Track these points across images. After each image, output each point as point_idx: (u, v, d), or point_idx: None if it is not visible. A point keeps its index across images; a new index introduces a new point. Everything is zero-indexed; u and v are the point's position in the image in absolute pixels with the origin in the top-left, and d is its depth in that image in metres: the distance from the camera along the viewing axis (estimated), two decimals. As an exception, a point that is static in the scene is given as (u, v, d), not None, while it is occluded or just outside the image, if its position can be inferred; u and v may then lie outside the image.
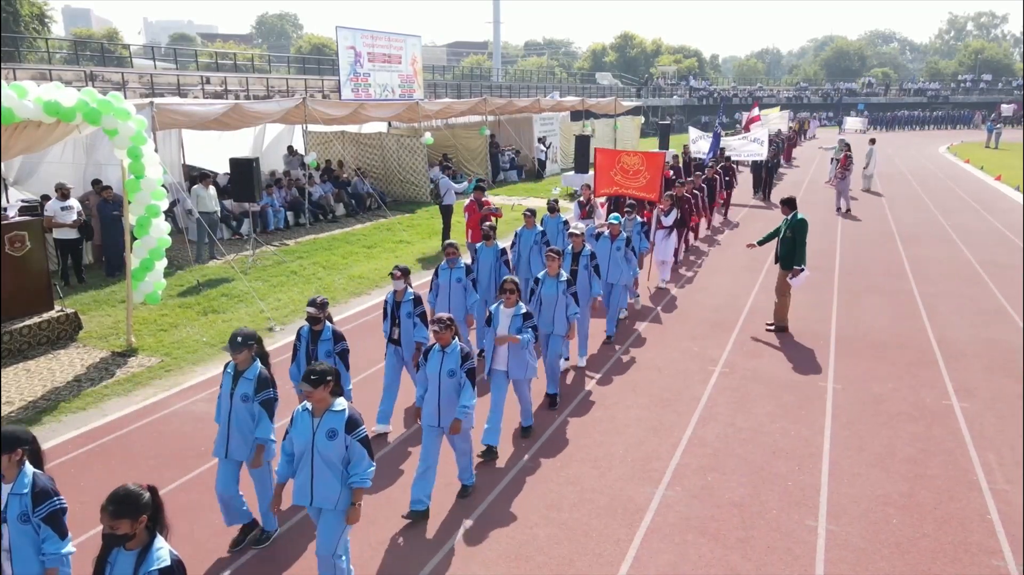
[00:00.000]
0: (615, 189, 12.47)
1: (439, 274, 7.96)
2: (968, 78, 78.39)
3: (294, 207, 17.77)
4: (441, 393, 5.52)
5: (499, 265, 8.98)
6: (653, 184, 12.01)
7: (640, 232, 10.65)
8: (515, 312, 6.41)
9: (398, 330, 6.86)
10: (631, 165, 12.12)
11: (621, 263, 9.27)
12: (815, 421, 7.31)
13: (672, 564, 5.13)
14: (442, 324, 5.48)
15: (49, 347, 9.29)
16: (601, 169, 12.43)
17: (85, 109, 8.14)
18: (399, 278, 6.76)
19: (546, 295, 7.43)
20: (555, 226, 10.82)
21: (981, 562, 5.15)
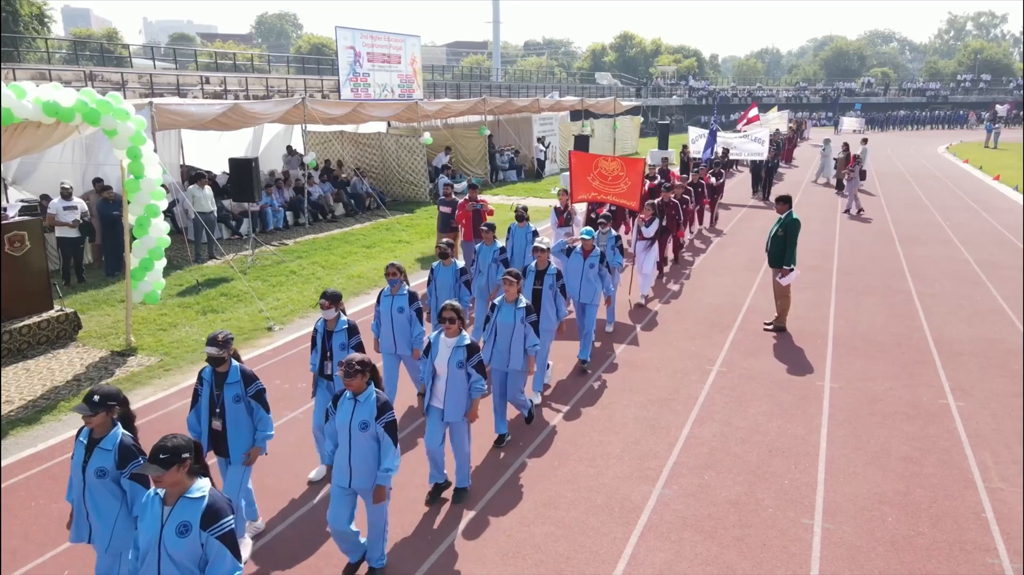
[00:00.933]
0: (593, 195, 11.47)
1: (380, 300, 6.94)
2: (967, 78, 78.43)
3: (293, 207, 17.79)
4: (353, 449, 4.61)
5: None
6: (634, 191, 11.02)
7: (614, 247, 9.65)
8: (457, 343, 5.56)
9: (330, 363, 5.93)
10: (610, 170, 11.16)
11: (595, 281, 8.44)
12: (812, 420, 7.33)
13: (668, 562, 5.15)
14: (350, 368, 4.54)
15: (49, 346, 9.32)
16: (577, 174, 11.48)
17: (84, 109, 8.16)
18: (328, 307, 5.88)
19: (502, 323, 6.49)
20: (523, 237, 10.00)
21: (976, 560, 5.17)
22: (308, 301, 11.44)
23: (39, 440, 6.96)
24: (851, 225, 18.15)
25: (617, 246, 9.66)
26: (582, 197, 11.63)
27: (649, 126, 50.37)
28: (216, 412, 4.95)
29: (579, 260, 8.51)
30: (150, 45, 46.97)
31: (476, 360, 5.62)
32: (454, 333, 5.61)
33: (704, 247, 15.60)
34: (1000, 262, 14.14)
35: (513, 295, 6.49)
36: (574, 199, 11.77)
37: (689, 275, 13.20)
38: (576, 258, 8.54)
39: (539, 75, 70.30)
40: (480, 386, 5.62)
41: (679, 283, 12.63)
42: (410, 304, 6.83)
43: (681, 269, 13.65)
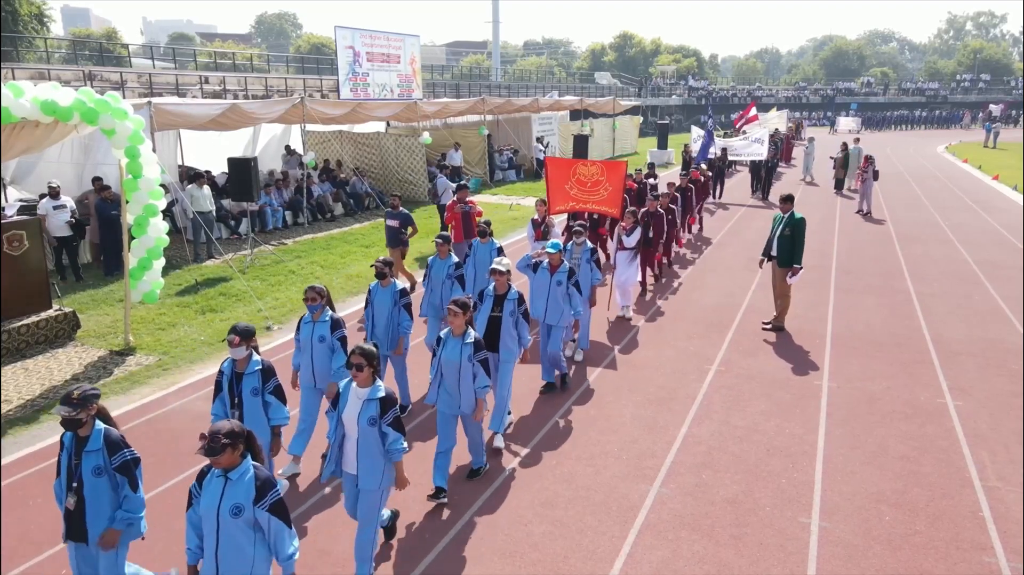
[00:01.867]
0: (572, 204, 10.61)
1: (300, 328, 6.23)
2: (967, 78, 78.46)
3: (292, 207, 17.80)
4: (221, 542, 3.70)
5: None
6: (615, 198, 10.22)
7: (591, 260, 8.66)
8: (369, 395, 4.61)
9: (239, 411, 5.15)
10: (589, 176, 10.30)
11: (562, 300, 7.59)
12: (810, 419, 7.34)
13: (665, 561, 5.16)
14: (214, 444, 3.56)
15: (47, 346, 9.32)
16: (554, 182, 10.59)
17: (82, 109, 8.17)
18: (237, 344, 5.07)
19: (447, 361, 5.68)
20: (486, 255, 8.93)
21: (973, 559, 5.18)
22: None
23: (37, 439, 6.97)
24: (850, 225, 18.16)
25: (594, 259, 8.68)
26: (560, 208, 10.70)
27: (649, 126, 50.37)
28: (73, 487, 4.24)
29: (546, 276, 7.65)
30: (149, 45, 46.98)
31: (392, 416, 4.60)
32: (365, 382, 4.61)
33: (694, 256, 15.50)
34: (999, 262, 14.15)
35: (460, 327, 5.66)
36: (552, 210, 10.66)
37: (682, 280, 13.19)
38: (543, 274, 7.68)
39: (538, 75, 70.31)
40: (398, 447, 4.60)
41: (678, 283, 12.63)
42: (332, 332, 6.11)
43: (672, 278, 13.64)
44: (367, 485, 4.63)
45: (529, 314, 6.84)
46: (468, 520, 5.65)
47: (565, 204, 10.69)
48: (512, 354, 6.76)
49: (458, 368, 5.64)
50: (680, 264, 13.96)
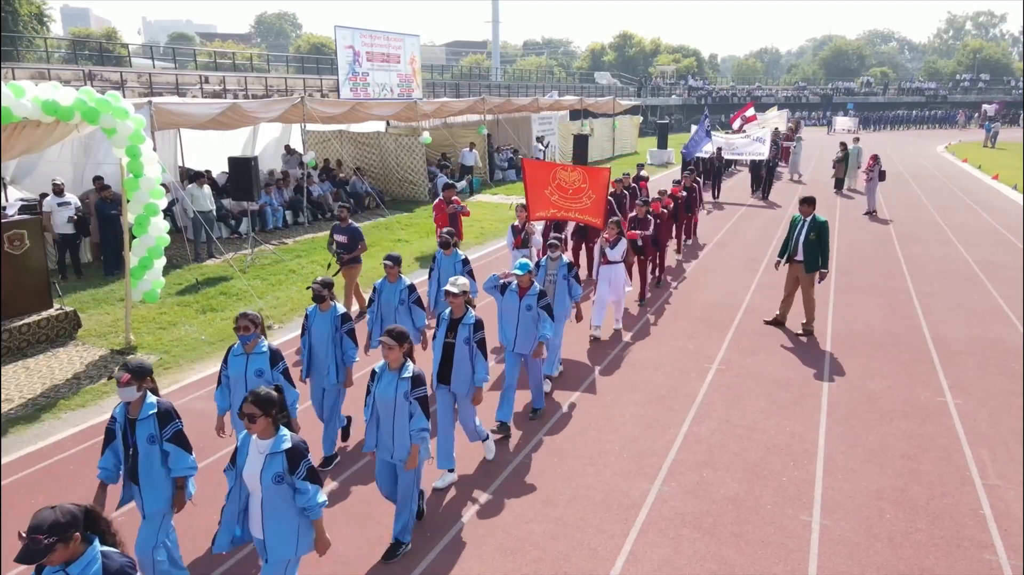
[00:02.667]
0: (552, 211, 9.87)
1: (228, 361, 5.43)
2: (967, 77, 78.50)
3: (293, 206, 17.81)
4: None
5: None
6: (598, 206, 9.56)
7: (568, 276, 7.90)
8: (272, 448, 3.89)
9: (133, 462, 4.39)
10: (570, 182, 9.57)
11: (531, 327, 6.83)
12: (810, 418, 7.35)
13: (667, 559, 5.17)
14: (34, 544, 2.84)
15: (48, 345, 9.33)
16: (533, 186, 9.78)
17: (83, 108, 8.17)
18: (127, 383, 4.30)
19: (380, 399, 4.93)
20: (450, 269, 8.24)
21: (973, 556, 5.19)
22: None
23: (39, 438, 6.98)
24: (850, 224, 18.17)
25: (572, 275, 7.91)
26: (540, 214, 9.94)
27: (648, 126, 50.39)
28: None
29: (514, 300, 6.89)
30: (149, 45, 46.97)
31: (304, 469, 3.90)
32: (265, 434, 3.91)
33: (685, 266, 15.20)
34: (999, 261, 14.16)
35: (395, 361, 4.90)
36: (531, 216, 9.94)
37: (682, 279, 13.19)
38: (511, 297, 6.93)
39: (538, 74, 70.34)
40: (315, 503, 3.95)
41: (678, 282, 12.64)
42: (273, 365, 5.27)
43: (672, 278, 13.64)
44: (278, 555, 3.96)
45: (485, 345, 5.94)
46: (469, 519, 5.66)
47: (546, 211, 9.88)
48: (466, 389, 5.92)
49: (392, 407, 4.90)
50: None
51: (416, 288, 7.35)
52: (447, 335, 5.91)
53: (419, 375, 4.94)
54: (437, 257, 8.25)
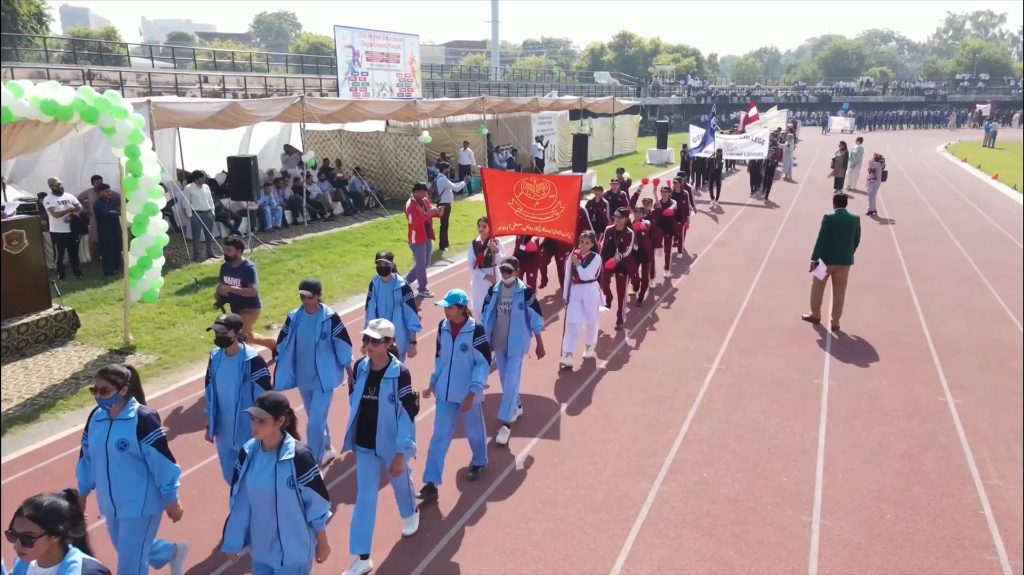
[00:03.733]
0: (517, 226, 8.80)
1: (89, 428, 4.37)
2: (966, 77, 78.52)
3: (292, 206, 17.79)
4: None
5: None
6: (568, 219, 8.43)
7: (525, 305, 6.80)
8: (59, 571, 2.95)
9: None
10: (536, 193, 8.53)
11: (466, 370, 5.74)
12: (810, 417, 7.34)
13: (667, 559, 5.16)
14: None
15: (47, 345, 9.31)
16: (495, 197, 8.69)
17: (82, 108, 8.16)
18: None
19: (254, 489, 3.85)
20: (388, 297, 7.19)
21: (974, 557, 5.18)
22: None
23: (38, 438, 6.96)
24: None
25: (531, 303, 6.84)
26: (504, 229, 8.83)
27: (648, 125, 50.38)
28: None
29: (447, 341, 5.81)
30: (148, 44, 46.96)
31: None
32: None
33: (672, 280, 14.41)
34: (998, 261, 14.15)
35: (271, 438, 3.83)
36: (493, 231, 8.84)
37: (682, 279, 13.17)
38: (444, 338, 5.84)
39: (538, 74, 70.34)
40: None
41: (678, 282, 12.62)
42: (141, 435, 4.20)
43: (670, 278, 13.62)
44: None
45: (412, 402, 4.95)
46: (469, 518, 5.65)
47: (509, 225, 8.81)
48: (390, 454, 4.94)
49: (273, 499, 3.80)
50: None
51: (341, 320, 6.23)
52: (366, 390, 4.86)
53: (303, 454, 3.84)
54: (374, 284, 7.29)
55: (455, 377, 5.75)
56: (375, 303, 7.18)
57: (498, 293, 6.88)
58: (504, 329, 6.79)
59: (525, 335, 6.82)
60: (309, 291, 5.99)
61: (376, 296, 7.21)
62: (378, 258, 7.19)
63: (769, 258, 14.33)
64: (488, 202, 8.68)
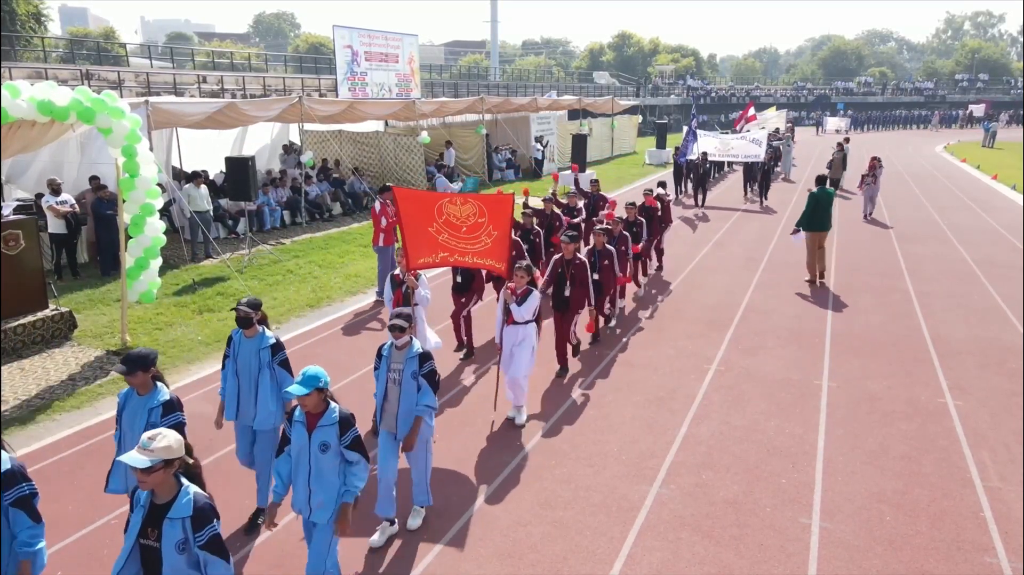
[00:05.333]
0: (442, 256, 7.19)
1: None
2: (965, 77, 78.51)
3: (290, 206, 17.75)
4: None
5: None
6: (500, 247, 7.00)
7: (418, 374, 5.19)
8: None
9: None
10: (462, 217, 7.04)
11: (328, 481, 4.29)
12: (809, 419, 7.31)
13: (665, 562, 5.13)
14: None
15: (44, 346, 9.27)
16: (412, 222, 7.03)
17: (79, 108, 8.13)
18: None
19: None
20: (252, 360, 5.36)
21: (974, 559, 5.16)
22: (305, 300, 11.41)
23: (33, 440, 6.93)
24: (849, 224, 18.13)
25: (425, 372, 5.20)
26: (425, 261, 7.19)
27: (647, 125, 50.35)
28: None
29: (301, 435, 4.30)
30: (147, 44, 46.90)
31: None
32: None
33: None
34: (998, 261, 14.13)
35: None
36: (411, 264, 7.10)
37: (681, 279, 13.15)
38: (297, 431, 4.32)
39: (537, 74, 70.29)
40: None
41: (676, 283, 12.59)
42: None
43: (668, 281, 13.59)
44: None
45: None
46: (467, 521, 5.62)
47: (432, 255, 7.20)
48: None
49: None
50: (675, 268, 13.90)
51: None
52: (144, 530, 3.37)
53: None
54: (233, 340, 5.49)
55: (317, 486, 4.25)
56: (233, 364, 5.40)
57: (387, 357, 5.28)
58: (394, 405, 5.25)
59: (412, 414, 5.25)
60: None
61: (235, 355, 5.42)
62: (238, 307, 5.38)
63: (768, 258, 14.31)
64: (404, 228, 7.04)
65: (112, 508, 5.66)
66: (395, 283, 7.67)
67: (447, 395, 7.91)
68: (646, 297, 11.59)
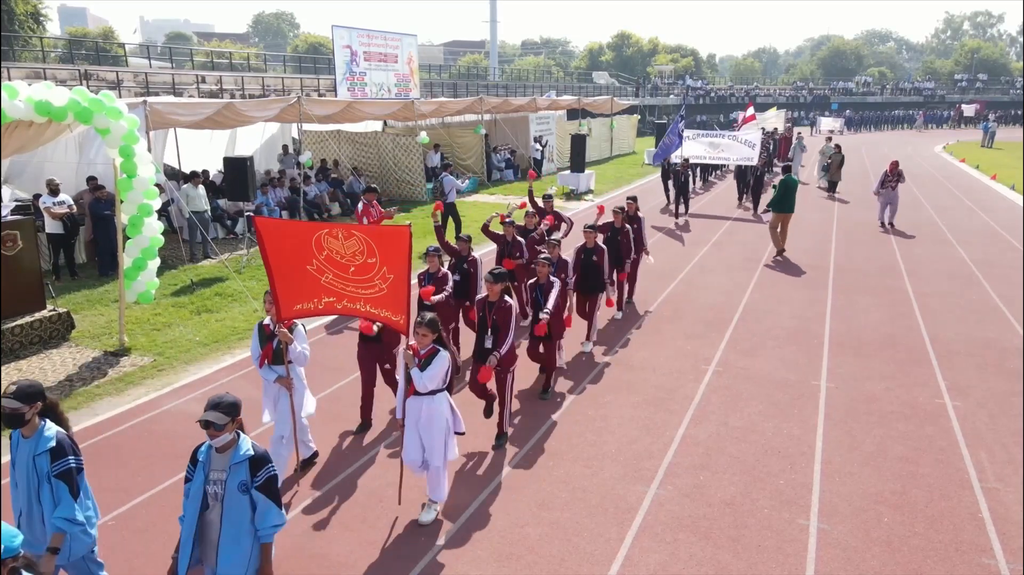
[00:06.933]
0: (326, 302, 5.71)
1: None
2: (964, 77, 78.52)
3: (289, 206, 17.74)
4: None
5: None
6: (396, 294, 5.43)
7: (251, 486, 3.77)
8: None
9: None
10: (347, 254, 5.50)
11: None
12: (808, 420, 7.31)
13: (663, 563, 5.12)
14: None
15: (41, 346, 9.26)
16: (282, 258, 5.63)
17: (76, 108, 8.11)
18: None
19: None
20: (26, 462, 3.94)
21: (972, 560, 5.15)
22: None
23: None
24: (847, 224, 18.14)
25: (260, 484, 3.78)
26: (301, 308, 5.73)
27: (646, 125, 50.36)
28: None
29: None
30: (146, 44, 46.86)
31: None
32: None
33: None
34: (997, 261, 14.13)
35: None
36: (285, 312, 5.71)
37: (679, 280, 13.13)
38: None
39: (536, 74, 70.31)
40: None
41: (674, 284, 12.59)
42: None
43: (666, 282, 13.57)
44: None
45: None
46: (464, 522, 5.61)
47: (312, 301, 5.73)
48: None
49: None
50: (673, 268, 13.87)
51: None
52: None
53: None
54: (13, 439, 4.06)
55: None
56: (13, 473, 4.05)
57: (204, 462, 3.81)
58: (214, 530, 3.78)
59: (246, 542, 3.78)
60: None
61: (12, 462, 4.06)
62: (4, 398, 3.83)
63: (767, 258, 14.30)
64: (272, 270, 5.64)
65: (109, 509, 5.65)
66: (264, 336, 5.95)
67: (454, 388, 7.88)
68: (645, 298, 11.58)
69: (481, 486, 6.11)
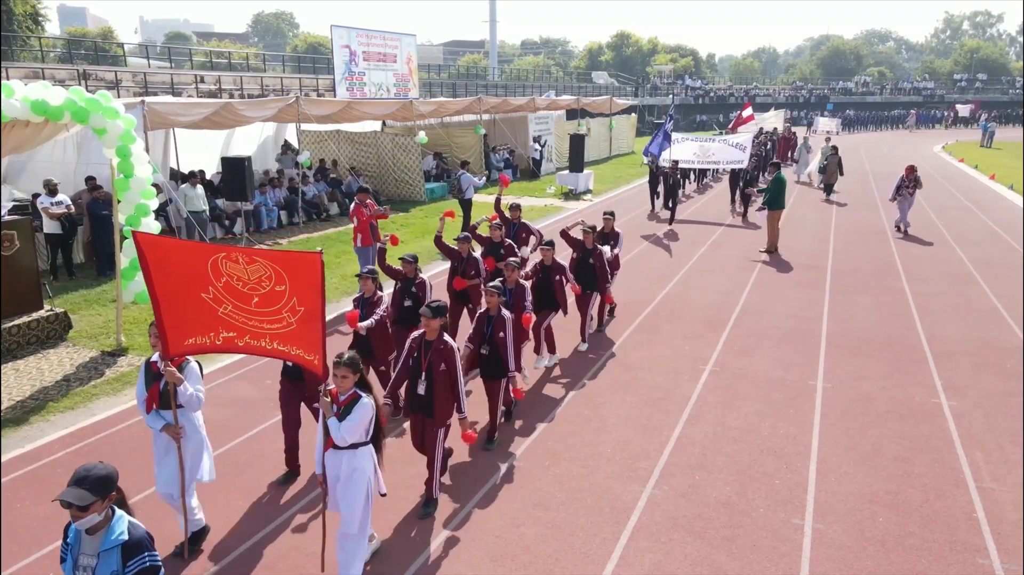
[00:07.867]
0: (225, 337, 4.91)
1: None
2: (964, 77, 78.54)
3: (287, 206, 17.75)
4: None
5: None
6: (309, 330, 4.69)
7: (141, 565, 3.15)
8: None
9: None
10: (250, 281, 4.72)
11: None
12: (804, 419, 7.31)
13: (658, 563, 5.13)
14: None
15: (39, 347, 9.27)
16: (170, 283, 4.72)
17: (73, 108, 8.13)
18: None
19: None
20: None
21: (966, 560, 5.16)
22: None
23: (27, 441, 6.91)
24: (845, 224, 18.15)
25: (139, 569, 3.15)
26: (196, 342, 4.89)
27: (646, 125, 50.35)
28: None
29: None
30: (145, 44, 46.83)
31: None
32: None
33: None
34: (995, 261, 14.13)
35: None
36: (174, 347, 4.83)
37: (676, 281, 13.13)
38: None
39: (535, 74, 70.27)
40: None
41: (672, 285, 12.60)
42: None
43: (664, 282, 13.56)
44: None
45: None
46: (458, 522, 5.62)
47: (208, 335, 4.90)
48: None
49: None
50: (668, 271, 13.86)
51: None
52: None
53: None
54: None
55: None
56: None
57: (73, 543, 3.28)
58: None
59: None
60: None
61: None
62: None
63: (765, 259, 14.30)
64: (157, 294, 4.70)
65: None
66: (151, 375, 5.06)
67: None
68: (644, 298, 11.58)
69: (477, 486, 6.12)
